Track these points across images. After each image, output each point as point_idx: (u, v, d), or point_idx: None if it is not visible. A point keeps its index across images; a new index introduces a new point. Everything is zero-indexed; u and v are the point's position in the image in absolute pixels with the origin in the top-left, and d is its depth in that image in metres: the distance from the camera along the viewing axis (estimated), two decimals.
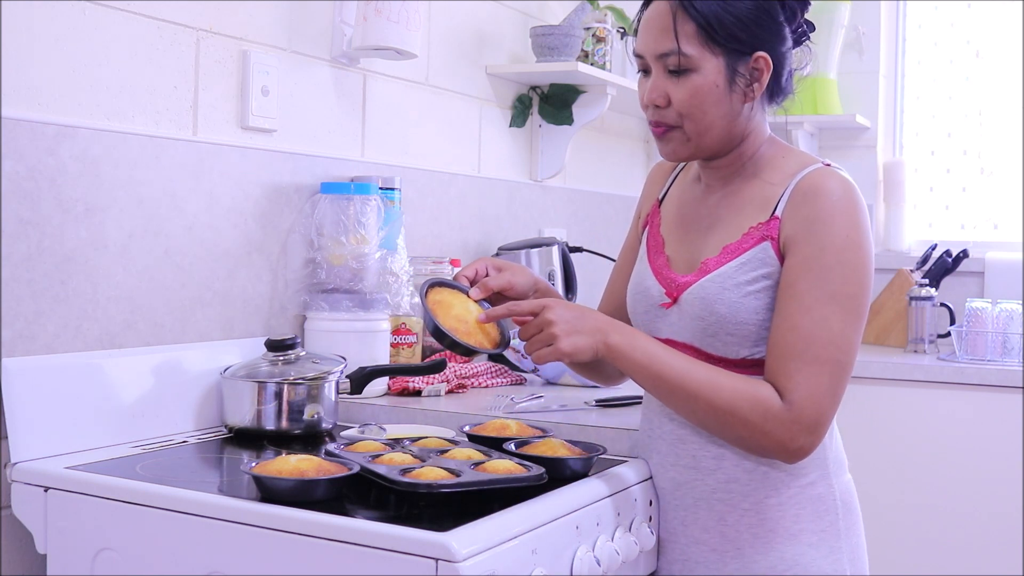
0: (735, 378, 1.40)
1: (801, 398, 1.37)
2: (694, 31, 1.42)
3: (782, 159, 1.50)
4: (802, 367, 1.37)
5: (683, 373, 1.40)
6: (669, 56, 1.44)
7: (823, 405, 1.38)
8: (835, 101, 3.49)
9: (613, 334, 1.41)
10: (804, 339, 1.38)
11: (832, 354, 1.38)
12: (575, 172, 3.11)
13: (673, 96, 1.45)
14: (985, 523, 2.73)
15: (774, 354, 1.40)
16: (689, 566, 1.52)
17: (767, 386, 1.39)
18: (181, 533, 1.34)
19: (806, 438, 1.38)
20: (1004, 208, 3.44)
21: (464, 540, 1.17)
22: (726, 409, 1.38)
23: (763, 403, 1.37)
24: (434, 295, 1.52)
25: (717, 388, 1.39)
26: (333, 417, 1.79)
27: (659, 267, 1.56)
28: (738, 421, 1.38)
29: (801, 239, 1.41)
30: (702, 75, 1.43)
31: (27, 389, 1.54)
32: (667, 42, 1.43)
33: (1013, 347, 2.89)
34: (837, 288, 1.39)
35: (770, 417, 1.37)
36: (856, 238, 1.40)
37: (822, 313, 1.38)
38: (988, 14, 3.47)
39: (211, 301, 1.88)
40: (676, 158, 1.52)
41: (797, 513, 1.47)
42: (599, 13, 2.84)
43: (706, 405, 1.39)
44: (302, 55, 2.09)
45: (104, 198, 1.69)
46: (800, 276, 1.40)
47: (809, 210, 1.41)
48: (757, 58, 1.45)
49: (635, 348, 1.41)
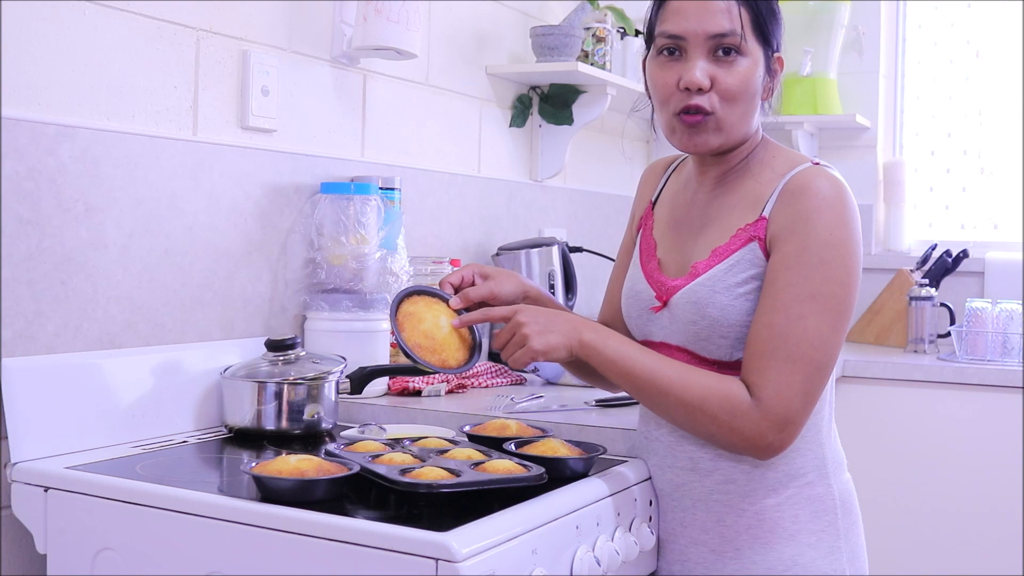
0: (707, 375, 1.41)
1: (769, 396, 1.37)
2: (750, 20, 1.44)
3: (773, 159, 1.50)
4: (773, 364, 1.37)
5: (654, 370, 1.40)
6: (727, 36, 1.43)
7: (793, 403, 1.37)
8: (835, 101, 3.48)
9: (587, 332, 1.42)
10: (778, 336, 1.37)
11: (806, 352, 1.37)
12: (575, 172, 3.11)
13: (721, 80, 1.43)
14: (985, 523, 2.73)
15: (749, 351, 1.40)
16: (688, 567, 1.52)
17: (738, 383, 1.39)
18: (181, 533, 1.34)
19: (775, 435, 1.37)
20: (1004, 208, 3.44)
21: (464, 540, 1.17)
22: (695, 406, 1.39)
23: (731, 399, 1.37)
24: (408, 306, 1.49)
25: (687, 385, 1.39)
26: (333, 417, 1.79)
27: (650, 270, 1.56)
28: (707, 418, 1.39)
29: (784, 237, 1.41)
30: (751, 62, 1.44)
31: (27, 389, 1.54)
32: (728, 21, 1.43)
33: (1013, 347, 2.88)
34: (817, 287, 1.38)
35: (738, 414, 1.37)
36: (841, 236, 1.39)
37: (799, 311, 1.37)
38: (988, 14, 3.46)
39: (211, 301, 1.88)
40: (704, 149, 1.48)
41: (795, 514, 1.47)
42: (599, 13, 2.84)
43: (676, 401, 1.39)
44: (302, 55, 2.09)
45: (104, 198, 1.69)
46: (780, 273, 1.40)
47: (794, 208, 1.41)
48: (779, 58, 1.49)
49: (607, 346, 1.42)
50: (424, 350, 1.45)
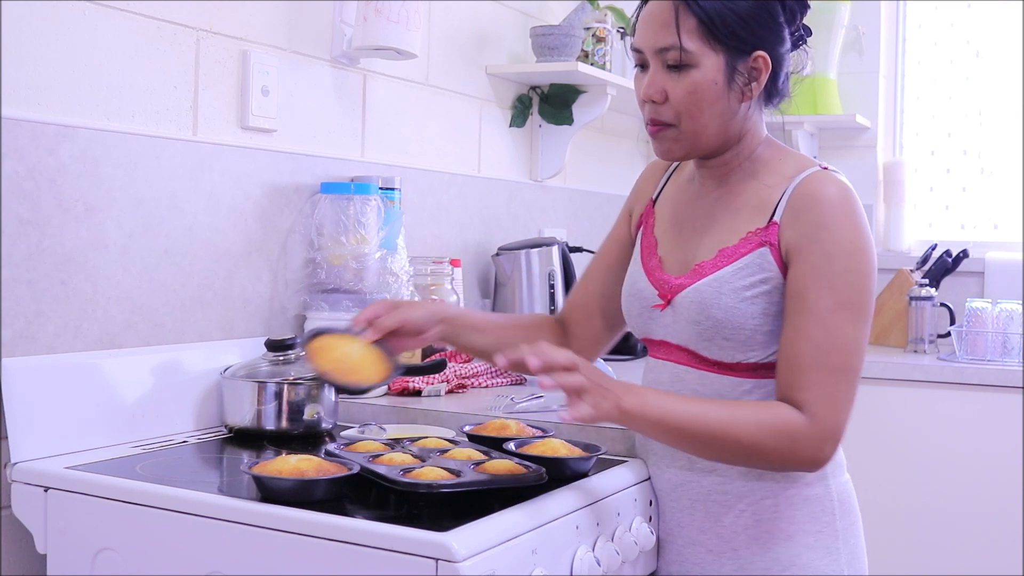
0: (752, 408, 1.39)
1: (822, 411, 1.37)
2: (696, 26, 1.41)
3: (779, 161, 1.50)
4: (818, 378, 1.37)
5: (701, 419, 1.37)
6: (669, 51, 1.42)
7: (842, 414, 1.38)
8: (835, 101, 3.49)
9: (625, 397, 1.35)
10: (818, 349, 1.37)
11: (845, 361, 1.38)
12: (575, 172, 3.11)
13: (671, 92, 1.44)
14: (985, 523, 2.73)
15: (788, 365, 1.39)
16: (686, 567, 1.52)
17: (784, 406, 1.38)
18: (181, 533, 1.34)
19: (831, 448, 1.39)
20: (1004, 208, 3.44)
21: (464, 540, 1.17)
22: (753, 443, 1.37)
23: (787, 425, 1.36)
24: (316, 343, 1.50)
25: (738, 424, 1.37)
26: (333, 417, 1.79)
27: (652, 268, 1.55)
28: (768, 451, 1.37)
29: (806, 248, 1.40)
30: (701, 72, 1.42)
31: (27, 389, 1.54)
32: (668, 36, 1.42)
33: (1013, 347, 2.89)
34: (846, 295, 1.38)
35: (798, 438, 1.36)
36: (860, 243, 1.40)
37: (834, 322, 1.38)
38: (988, 14, 3.47)
39: (211, 301, 1.88)
40: (670, 157, 1.51)
41: (793, 514, 1.47)
42: (599, 13, 2.84)
43: (733, 444, 1.38)
44: (302, 55, 2.09)
45: (104, 198, 1.69)
46: (809, 286, 1.39)
47: (811, 217, 1.40)
48: (756, 57, 1.44)
49: (647, 406, 1.36)
50: (339, 372, 1.46)
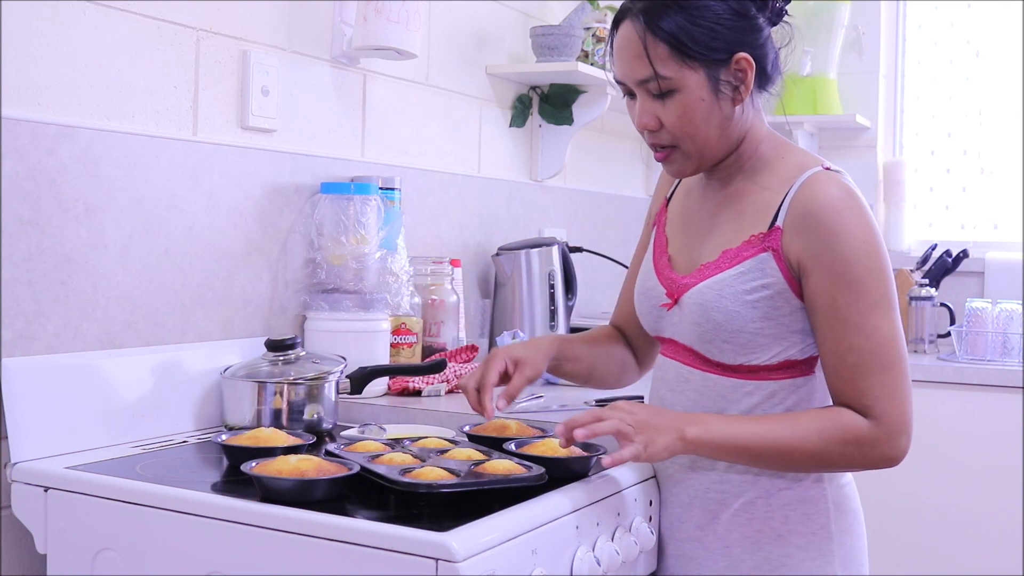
0: (814, 417, 1.41)
1: (885, 410, 1.38)
2: (667, 52, 1.40)
3: (780, 160, 1.49)
4: (874, 380, 1.38)
5: (764, 437, 1.39)
6: (649, 82, 1.42)
7: (905, 403, 1.39)
8: (835, 101, 3.49)
9: (688, 427, 1.38)
10: (865, 354, 1.38)
11: (892, 356, 1.39)
12: (575, 172, 3.11)
13: (663, 118, 1.44)
14: (985, 523, 2.73)
15: (841, 378, 1.40)
16: (683, 562, 1.52)
17: (845, 413, 1.39)
18: (181, 533, 1.34)
19: (905, 440, 1.40)
20: (1004, 208, 3.44)
21: (464, 540, 1.17)
22: (821, 453, 1.39)
23: (852, 431, 1.38)
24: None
25: (801, 440, 1.39)
26: (333, 417, 1.79)
27: (661, 267, 1.56)
28: (838, 458, 1.39)
29: (821, 256, 1.39)
30: (686, 93, 1.42)
31: (27, 389, 1.54)
32: (643, 68, 1.42)
33: (1013, 347, 2.89)
34: (874, 295, 1.39)
35: (865, 442, 1.38)
36: (872, 240, 1.40)
37: (871, 324, 1.38)
38: (988, 14, 3.47)
39: (211, 301, 1.87)
40: (684, 175, 1.53)
41: (786, 515, 1.47)
42: (599, 13, 2.84)
43: (802, 456, 1.40)
44: (302, 55, 2.09)
45: (104, 198, 1.69)
46: (837, 296, 1.39)
47: (819, 228, 1.40)
48: (738, 60, 1.42)
49: (712, 433, 1.39)
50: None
